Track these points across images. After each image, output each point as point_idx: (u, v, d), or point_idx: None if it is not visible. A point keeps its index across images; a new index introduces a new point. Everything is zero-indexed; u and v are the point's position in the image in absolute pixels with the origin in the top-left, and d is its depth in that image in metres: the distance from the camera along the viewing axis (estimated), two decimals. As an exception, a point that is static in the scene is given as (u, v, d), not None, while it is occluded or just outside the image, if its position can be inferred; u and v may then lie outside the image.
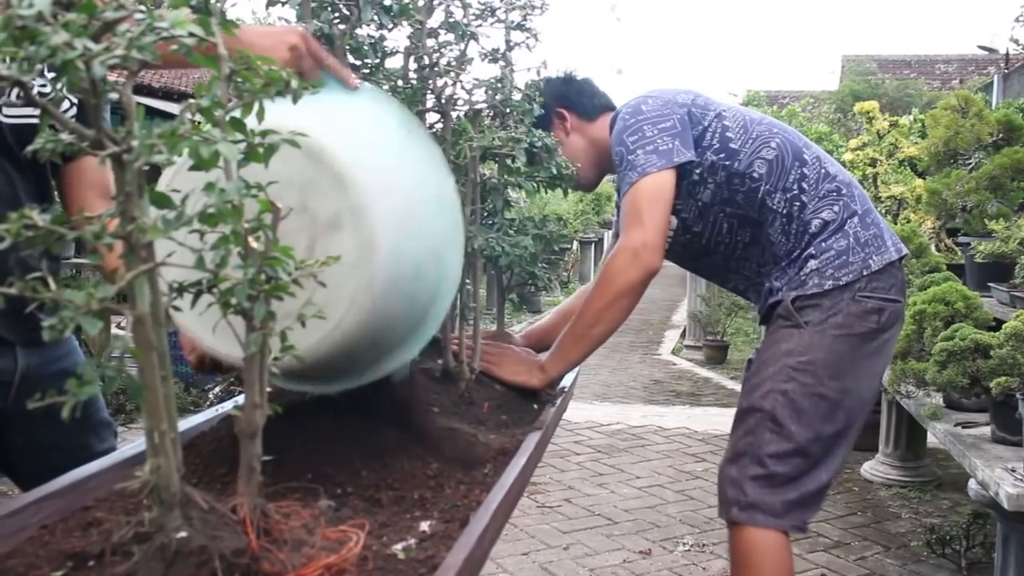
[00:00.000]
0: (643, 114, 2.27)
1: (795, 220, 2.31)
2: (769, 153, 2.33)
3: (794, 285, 2.29)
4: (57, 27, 0.75)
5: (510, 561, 3.85)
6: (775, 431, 2.21)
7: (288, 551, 0.96)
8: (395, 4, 1.57)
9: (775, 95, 21.75)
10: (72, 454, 1.64)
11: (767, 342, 2.32)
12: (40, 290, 0.80)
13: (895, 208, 6.04)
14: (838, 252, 2.28)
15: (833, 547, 4.07)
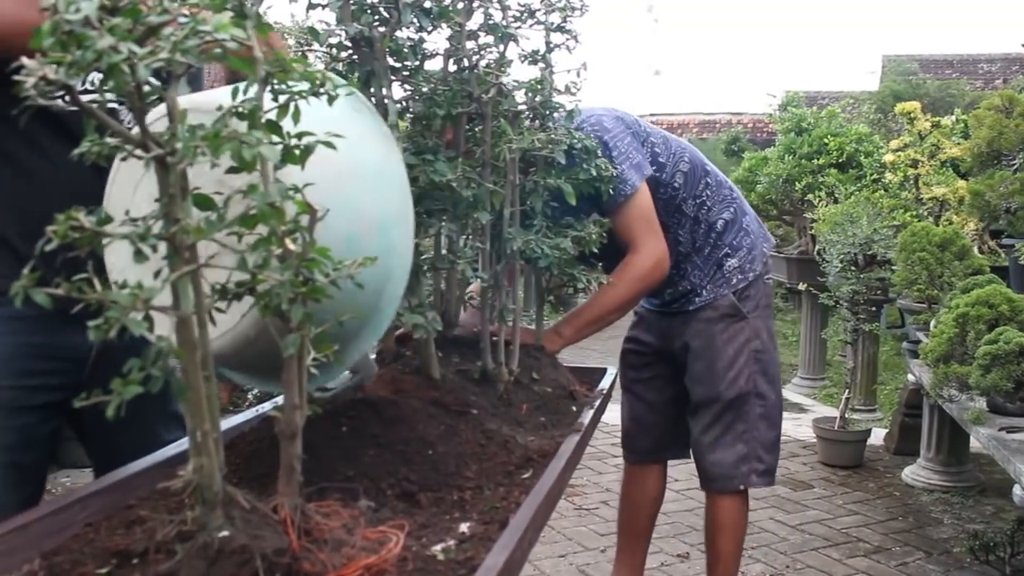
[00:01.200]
0: (609, 131, 2.48)
1: (702, 222, 2.75)
2: (685, 166, 2.71)
3: (720, 283, 2.77)
4: (103, 31, 0.76)
5: (547, 563, 3.85)
6: (762, 404, 2.80)
7: (328, 551, 0.97)
8: (435, 7, 1.58)
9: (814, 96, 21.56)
10: (139, 438, 1.65)
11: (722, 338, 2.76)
12: (86, 290, 0.81)
13: (937, 210, 5.96)
14: (748, 248, 2.80)
15: (874, 552, 4.02)
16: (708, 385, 2.78)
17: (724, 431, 2.77)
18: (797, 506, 4.58)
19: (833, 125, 7.33)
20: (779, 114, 8.41)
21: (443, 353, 1.65)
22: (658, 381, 3.02)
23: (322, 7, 1.56)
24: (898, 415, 5.54)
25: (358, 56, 1.56)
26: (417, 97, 1.65)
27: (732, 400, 2.75)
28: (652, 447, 3.10)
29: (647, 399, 3.04)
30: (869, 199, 5.95)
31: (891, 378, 7.34)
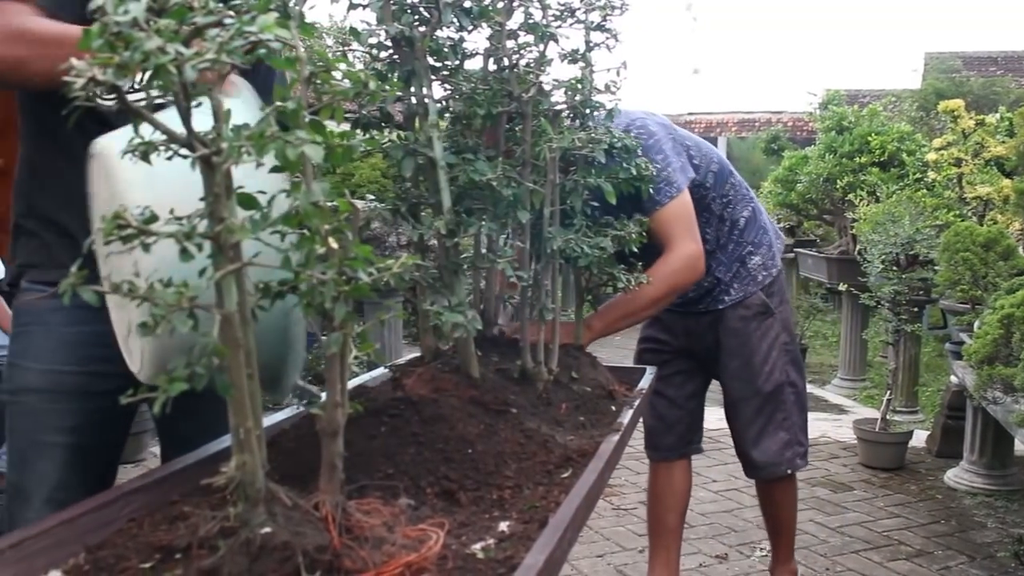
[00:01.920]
0: (656, 134, 2.59)
1: (727, 220, 2.88)
2: (715, 167, 2.85)
3: (747, 280, 2.90)
4: (150, 33, 0.77)
5: (585, 563, 3.84)
6: (794, 391, 2.98)
7: (369, 549, 0.97)
8: (475, 6, 1.58)
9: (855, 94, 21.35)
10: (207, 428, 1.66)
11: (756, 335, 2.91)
12: (133, 288, 0.82)
13: (981, 209, 5.89)
14: (768, 246, 2.95)
15: (915, 556, 3.98)
16: (746, 381, 2.93)
17: (767, 422, 2.94)
18: (837, 508, 4.54)
19: (875, 123, 7.26)
20: (820, 112, 8.34)
21: (482, 352, 1.65)
22: (678, 377, 3.12)
23: (363, 7, 1.56)
24: (940, 417, 5.47)
25: (399, 56, 1.56)
26: (457, 96, 1.65)
27: (770, 393, 2.92)
28: (676, 443, 3.19)
29: (668, 395, 3.13)
30: (911, 198, 5.89)
31: (933, 379, 7.26)
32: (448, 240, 1.54)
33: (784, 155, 8.49)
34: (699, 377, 3.16)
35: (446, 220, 1.50)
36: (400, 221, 1.62)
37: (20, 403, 1.81)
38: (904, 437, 5.29)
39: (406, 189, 1.61)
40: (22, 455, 1.80)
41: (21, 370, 1.79)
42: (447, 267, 1.56)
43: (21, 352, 1.81)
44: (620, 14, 1.86)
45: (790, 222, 9.81)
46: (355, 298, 0.93)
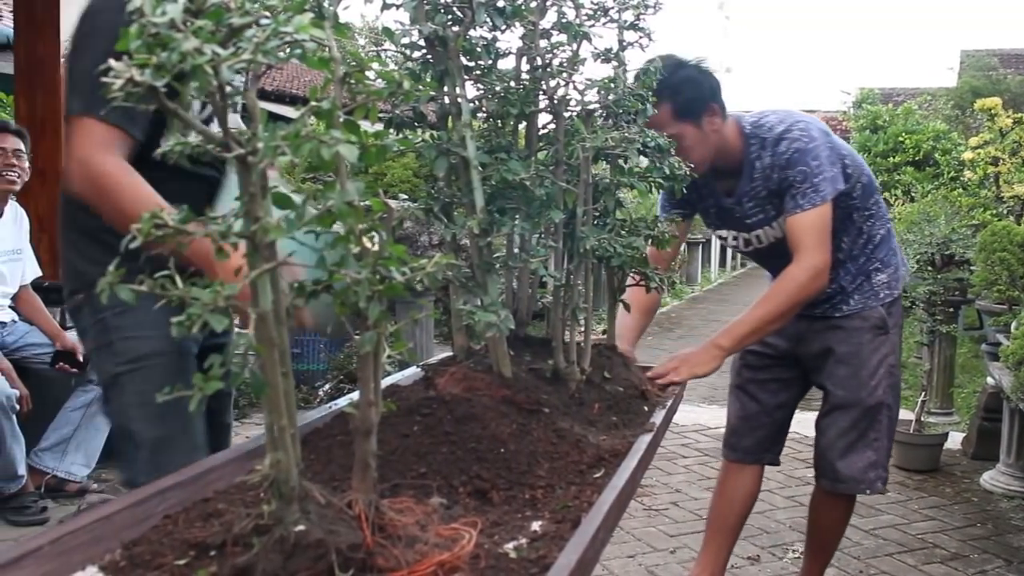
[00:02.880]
0: (816, 140, 2.62)
1: (864, 233, 2.87)
2: (865, 179, 2.84)
3: (869, 295, 2.89)
4: (187, 33, 0.77)
5: (616, 563, 3.83)
6: (890, 416, 2.97)
7: (402, 547, 0.97)
8: (508, 5, 1.58)
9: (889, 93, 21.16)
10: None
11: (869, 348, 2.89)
12: (168, 287, 0.83)
13: (1018, 208, 5.82)
14: (895, 267, 2.96)
15: (951, 559, 3.94)
16: (851, 390, 2.91)
17: (859, 437, 2.92)
18: (871, 510, 4.50)
19: (909, 122, 7.21)
20: (853, 111, 8.29)
21: (514, 351, 1.66)
22: (774, 384, 3.11)
23: (396, 7, 1.57)
24: (976, 419, 5.42)
25: (432, 56, 1.57)
26: (490, 96, 1.65)
27: (870, 408, 2.90)
28: (754, 447, 3.17)
29: (760, 400, 3.13)
30: (947, 197, 5.84)
31: (968, 381, 7.18)
32: (481, 239, 1.54)
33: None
34: (795, 388, 3.15)
35: (479, 219, 1.50)
36: (432, 220, 1.62)
37: (148, 367, 1.98)
38: (939, 439, 5.24)
39: (439, 188, 1.61)
40: (161, 413, 1.89)
41: (141, 340, 1.97)
42: (480, 266, 1.56)
43: (136, 326, 1.97)
44: (653, 13, 1.86)
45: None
46: (388, 297, 0.93)
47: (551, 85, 1.68)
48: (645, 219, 1.93)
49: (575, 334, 1.76)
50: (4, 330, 4.38)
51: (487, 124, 1.70)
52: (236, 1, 0.84)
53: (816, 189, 2.56)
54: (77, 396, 4.38)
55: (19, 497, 4.15)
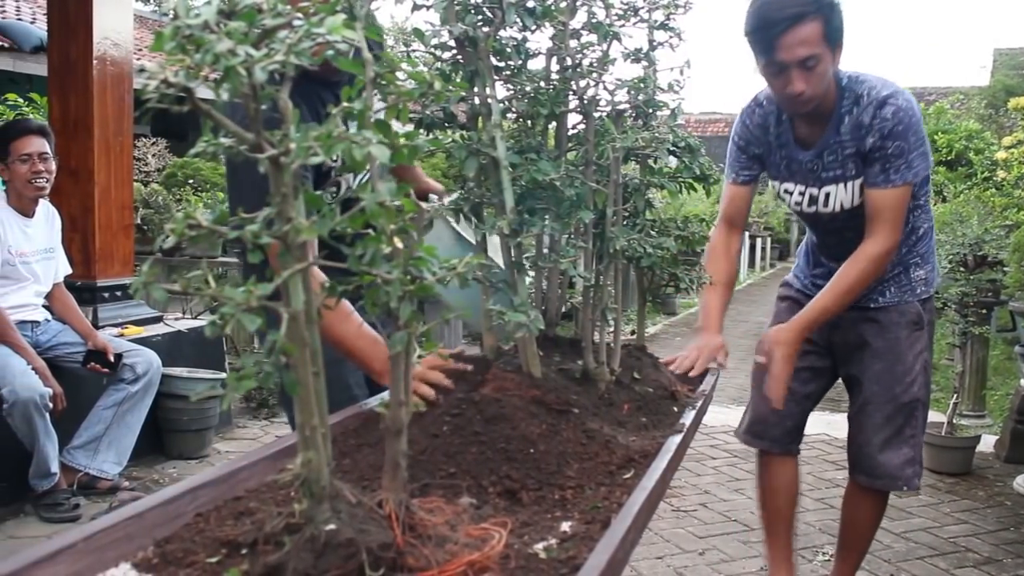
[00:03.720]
0: (918, 116, 2.56)
1: (909, 224, 2.77)
2: (929, 171, 2.73)
3: (905, 288, 2.85)
4: (221, 35, 0.78)
5: (644, 564, 3.82)
6: (924, 413, 2.92)
7: (432, 547, 0.98)
8: (538, 6, 1.58)
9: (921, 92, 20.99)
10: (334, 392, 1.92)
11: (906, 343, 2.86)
12: (201, 287, 0.83)
13: (1053, 209, 5.76)
14: (933, 265, 2.91)
15: (984, 563, 3.90)
16: (886, 385, 2.87)
17: (895, 433, 2.88)
18: (902, 513, 4.47)
19: (941, 122, 7.15)
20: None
21: (544, 352, 1.65)
22: (806, 373, 3.04)
23: (426, 8, 1.57)
24: (1009, 421, 5.35)
25: (462, 56, 1.57)
26: (520, 96, 1.65)
27: (905, 404, 2.86)
28: (782, 436, 3.13)
29: (791, 388, 2.97)
30: (980, 198, 5.78)
31: (1001, 383, 7.10)
32: (511, 239, 1.54)
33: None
34: (825, 379, 3.11)
35: (509, 220, 1.50)
36: (462, 220, 1.62)
37: None
38: (971, 442, 5.18)
39: (469, 189, 1.61)
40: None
41: None
42: (510, 266, 1.56)
43: None
44: (684, 13, 1.85)
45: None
46: (419, 297, 0.93)
47: (581, 85, 1.68)
48: (675, 219, 1.93)
49: (604, 334, 1.75)
50: (37, 329, 4.42)
51: (517, 124, 1.70)
52: (268, 3, 0.85)
53: (909, 166, 2.52)
54: (109, 395, 4.42)
55: (52, 494, 4.19)
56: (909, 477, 2.92)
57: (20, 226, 4.34)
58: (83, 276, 5.14)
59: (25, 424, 4.01)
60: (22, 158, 4.27)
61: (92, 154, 5.14)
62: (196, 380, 5.08)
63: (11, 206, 4.35)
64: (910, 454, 2.89)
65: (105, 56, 5.17)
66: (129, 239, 5.46)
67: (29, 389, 3.98)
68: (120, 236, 5.37)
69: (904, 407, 2.86)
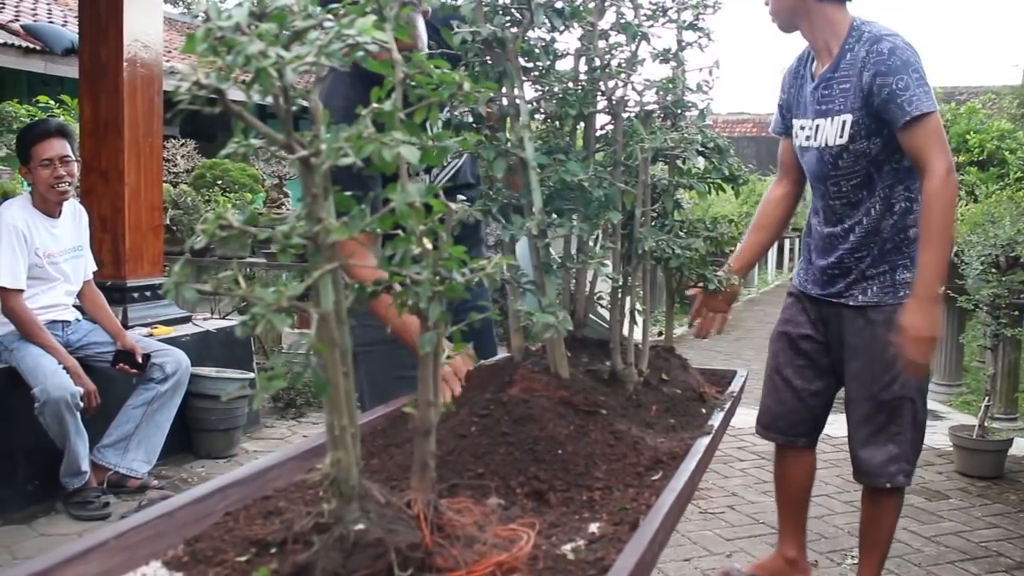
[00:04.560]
0: (917, 56, 2.63)
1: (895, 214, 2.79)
2: None
3: (888, 290, 2.82)
4: (252, 37, 0.78)
5: (672, 566, 3.81)
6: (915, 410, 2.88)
7: (460, 547, 0.98)
8: (567, 6, 1.58)
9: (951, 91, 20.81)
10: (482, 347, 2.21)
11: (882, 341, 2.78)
12: (232, 288, 0.84)
13: (1086, 210, 5.69)
14: (912, 272, 2.80)
15: (1016, 568, 3.86)
16: (863, 383, 2.89)
17: (877, 430, 2.89)
18: (932, 517, 4.43)
19: (973, 122, 7.07)
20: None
21: (572, 353, 1.65)
22: (810, 371, 3.09)
23: (455, 9, 1.57)
24: (1042, 424, 5.30)
25: (491, 57, 1.57)
26: (549, 97, 1.65)
27: (887, 402, 2.86)
28: (787, 429, 3.17)
29: (794, 385, 3.12)
30: (1012, 198, 5.72)
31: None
32: (539, 240, 1.54)
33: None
34: (828, 378, 3.10)
35: (537, 220, 1.50)
36: (491, 221, 1.62)
37: (375, 351, 2.25)
38: (1003, 445, 5.13)
39: (497, 189, 1.61)
40: (384, 389, 2.20)
41: (371, 328, 2.07)
42: (538, 267, 1.56)
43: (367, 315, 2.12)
44: (712, 13, 1.84)
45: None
46: (448, 298, 0.94)
47: (609, 86, 1.68)
48: (704, 220, 1.92)
49: (633, 335, 1.75)
50: (68, 329, 4.46)
51: (545, 125, 1.70)
52: (299, 4, 0.85)
53: (927, 93, 2.55)
54: (139, 394, 4.45)
55: (82, 492, 4.23)
56: (893, 474, 2.93)
57: (46, 227, 4.38)
58: (113, 276, 5.18)
59: (56, 423, 4.05)
60: (43, 163, 4.31)
61: (122, 155, 5.18)
62: (224, 380, 5.12)
63: (36, 208, 4.39)
64: (894, 451, 2.89)
65: (135, 58, 5.21)
66: (158, 240, 5.50)
67: (60, 388, 4.02)
68: (149, 237, 5.41)
69: (886, 404, 2.87)
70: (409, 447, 1.36)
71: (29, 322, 4.18)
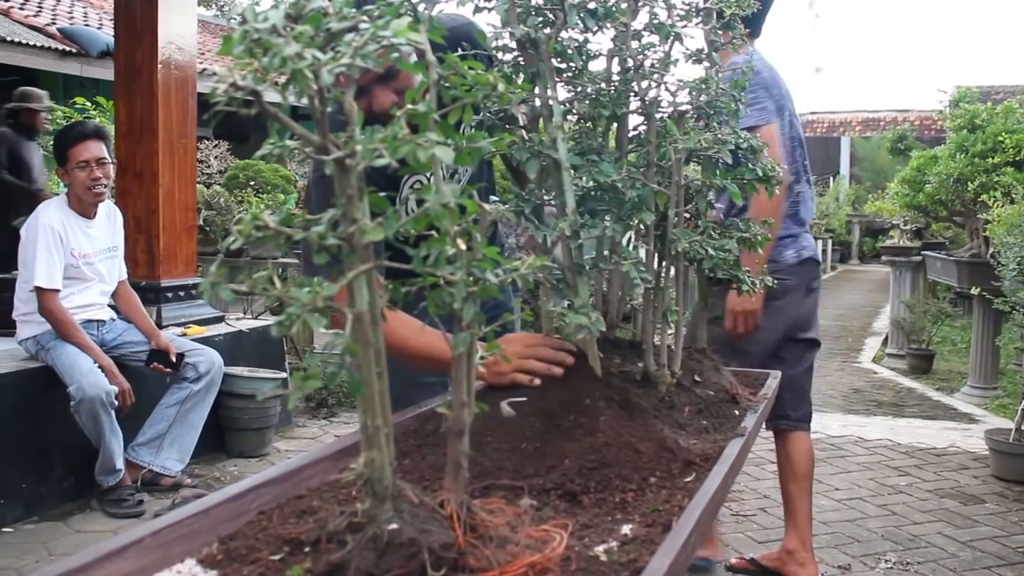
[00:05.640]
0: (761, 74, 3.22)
1: None
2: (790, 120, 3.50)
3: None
4: (288, 39, 0.78)
5: (703, 569, 3.79)
6: None
7: (493, 548, 0.98)
8: (600, 7, 1.57)
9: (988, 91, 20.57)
10: None
11: None
12: (268, 288, 0.84)
13: (1126, 210, 5.60)
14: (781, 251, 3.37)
15: (1051, 572, 3.81)
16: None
17: None
18: (967, 521, 4.38)
19: (1010, 121, 6.98)
20: (950, 111, 8.08)
21: (604, 354, 1.65)
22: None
23: (488, 10, 1.57)
24: (1079, 428, 5.23)
25: (523, 58, 1.57)
26: (582, 98, 1.65)
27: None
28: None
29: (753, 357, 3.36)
30: (1050, 199, 5.64)
31: (1072, 389, 6.94)
32: (572, 241, 1.54)
33: (911, 155, 8.23)
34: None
35: (570, 221, 1.50)
36: (523, 222, 1.62)
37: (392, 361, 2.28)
38: (1040, 449, 5.07)
39: (530, 190, 1.61)
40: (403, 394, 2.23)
41: None
42: (571, 268, 1.56)
43: None
44: (746, 13, 1.83)
45: (917, 224, 9.53)
46: (482, 299, 0.94)
47: (643, 86, 1.67)
48: (737, 221, 1.91)
49: (665, 337, 1.74)
50: (103, 328, 4.51)
51: (578, 126, 1.70)
52: (334, 6, 0.85)
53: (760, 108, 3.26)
54: (172, 393, 4.49)
55: (117, 490, 4.28)
56: None
57: (82, 228, 4.43)
58: (147, 276, 5.24)
59: (91, 421, 4.09)
60: (80, 165, 4.36)
61: (156, 157, 5.24)
62: (257, 379, 5.15)
63: (72, 209, 4.44)
64: None
65: (170, 60, 5.26)
66: (192, 240, 5.55)
67: (95, 387, 4.07)
68: (183, 237, 5.46)
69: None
70: (441, 447, 1.37)
71: (65, 321, 4.23)
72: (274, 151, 0.89)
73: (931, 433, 6.15)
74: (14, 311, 4.41)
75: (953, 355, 9.47)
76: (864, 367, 9.29)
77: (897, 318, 9.33)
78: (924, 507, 4.56)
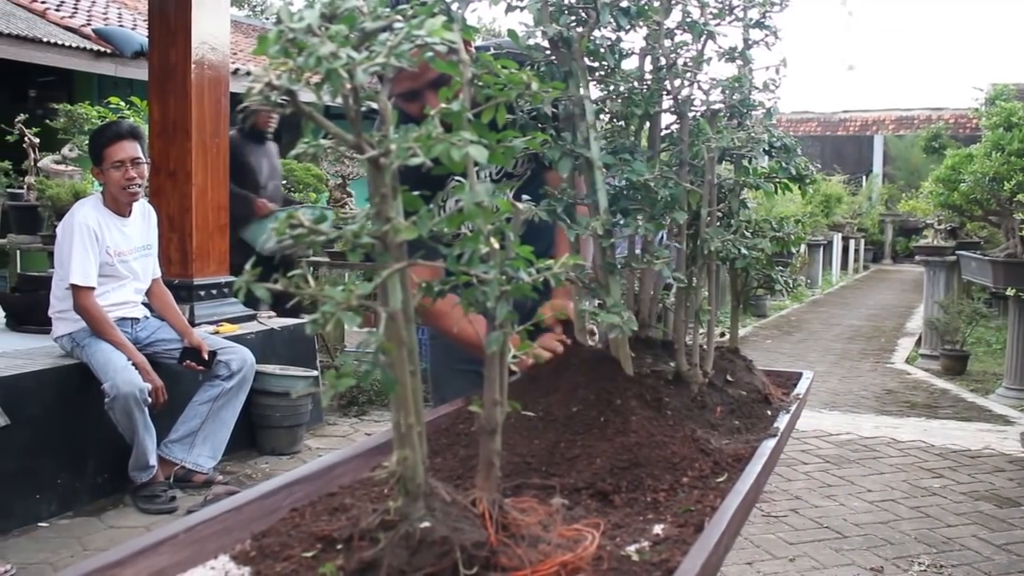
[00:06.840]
0: None
1: None
2: None
3: None
4: (323, 38, 0.79)
5: (734, 570, 3.78)
6: None
7: (525, 547, 0.98)
8: (633, 6, 1.57)
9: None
10: None
11: None
12: (302, 286, 0.85)
13: None
14: None
15: (1088, 576, 3.76)
16: None
17: None
18: (1003, 524, 4.33)
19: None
20: (986, 109, 7.99)
21: (636, 353, 1.64)
22: None
23: (520, 9, 1.57)
24: (1117, 431, 5.16)
25: (556, 57, 1.57)
26: (614, 97, 1.64)
27: None
28: None
29: None
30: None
31: (1109, 391, 6.85)
32: (604, 240, 1.54)
33: (946, 154, 8.14)
34: None
35: (603, 220, 1.50)
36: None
37: (438, 344, 2.56)
38: (1077, 451, 5.01)
39: (562, 189, 1.61)
40: (442, 379, 2.56)
41: None
42: (603, 267, 1.56)
43: None
44: (780, 10, 1.82)
45: (952, 223, 9.44)
46: (515, 298, 0.94)
47: (675, 85, 1.66)
48: (770, 220, 1.89)
49: (697, 336, 1.74)
50: (137, 326, 4.55)
51: (611, 125, 1.70)
52: (368, 6, 0.86)
53: None
54: (204, 390, 4.52)
55: (150, 486, 4.31)
56: None
57: (117, 226, 4.47)
58: (180, 275, 5.28)
59: (125, 418, 4.13)
60: (115, 164, 4.39)
61: (190, 156, 5.28)
62: (288, 377, 5.18)
63: (107, 207, 4.48)
64: None
65: (203, 60, 5.30)
66: (224, 239, 5.59)
67: (129, 384, 4.10)
68: (216, 236, 5.50)
69: None
70: (472, 445, 1.37)
71: (100, 319, 4.27)
72: (309, 150, 0.90)
73: (965, 435, 6.09)
74: (50, 308, 4.46)
75: (988, 356, 9.37)
76: (897, 368, 9.21)
77: (931, 318, 9.24)
78: (958, 510, 4.52)
